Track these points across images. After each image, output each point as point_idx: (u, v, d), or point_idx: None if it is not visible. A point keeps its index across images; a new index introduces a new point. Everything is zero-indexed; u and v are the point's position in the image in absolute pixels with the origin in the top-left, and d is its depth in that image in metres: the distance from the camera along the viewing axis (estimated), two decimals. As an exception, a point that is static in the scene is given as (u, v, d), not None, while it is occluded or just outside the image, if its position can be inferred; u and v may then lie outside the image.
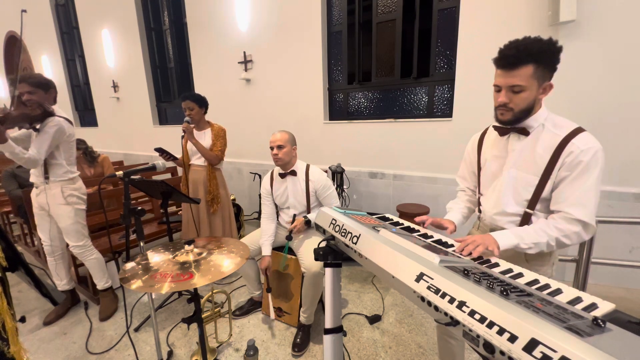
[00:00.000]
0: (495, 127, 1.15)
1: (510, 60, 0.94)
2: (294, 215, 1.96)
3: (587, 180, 0.94)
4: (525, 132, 1.04)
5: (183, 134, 2.33)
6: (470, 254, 0.93)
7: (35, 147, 1.84)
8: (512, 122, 1.03)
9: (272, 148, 1.87)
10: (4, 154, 1.74)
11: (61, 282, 2.22)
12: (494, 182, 1.16)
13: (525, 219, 1.07)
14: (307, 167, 1.96)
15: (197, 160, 2.48)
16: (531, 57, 0.92)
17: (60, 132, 1.92)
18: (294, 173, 1.93)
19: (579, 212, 0.94)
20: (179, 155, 2.52)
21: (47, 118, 1.87)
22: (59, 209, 2.02)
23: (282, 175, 1.95)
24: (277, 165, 1.94)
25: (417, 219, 1.18)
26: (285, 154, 1.86)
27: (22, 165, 1.87)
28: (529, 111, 1.00)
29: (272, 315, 1.91)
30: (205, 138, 2.43)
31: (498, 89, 1.01)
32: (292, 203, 1.97)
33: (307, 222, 1.91)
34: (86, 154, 3.17)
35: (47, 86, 1.95)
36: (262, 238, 1.97)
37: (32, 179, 2.02)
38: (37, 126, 1.87)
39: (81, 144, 3.14)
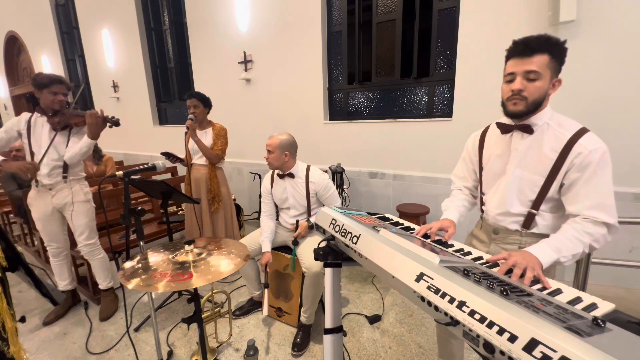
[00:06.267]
0: (498, 124, 1.13)
1: (526, 48, 0.95)
2: (297, 222, 1.95)
3: (602, 181, 0.94)
4: (529, 130, 1.03)
5: (186, 130, 2.36)
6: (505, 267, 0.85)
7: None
8: (524, 113, 1.00)
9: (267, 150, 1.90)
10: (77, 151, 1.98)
11: (64, 282, 2.22)
12: (497, 182, 1.14)
13: (529, 219, 1.07)
14: (308, 168, 1.97)
15: (199, 160, 2.51)
16: (546, 47, 0.94)
17: None
18: (291, 175, 1.94)
19: (604, 215, 0.93)
20: (182, 155, 2.56)
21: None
22: (79, 207, 2.05)
23: (281, 177, 1.96)
24: (269, 167, 1.96)
25: (419, 233, 1.09)
26: (273, 159, 1.87)
27: (75, 161, 2.00)
28: (539, 104, 0.99)
29: (266, 311, 1.88)
30: (206, 137, 2.47)
31: (511, 77, 0.99)
32: (291, 204, 1.97)
33: (311, 227, 1.91)
34: (96, 151, 3.30)
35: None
36: (262, 235, 1.98)
37: (45, 181, 1.94)
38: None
39: None
